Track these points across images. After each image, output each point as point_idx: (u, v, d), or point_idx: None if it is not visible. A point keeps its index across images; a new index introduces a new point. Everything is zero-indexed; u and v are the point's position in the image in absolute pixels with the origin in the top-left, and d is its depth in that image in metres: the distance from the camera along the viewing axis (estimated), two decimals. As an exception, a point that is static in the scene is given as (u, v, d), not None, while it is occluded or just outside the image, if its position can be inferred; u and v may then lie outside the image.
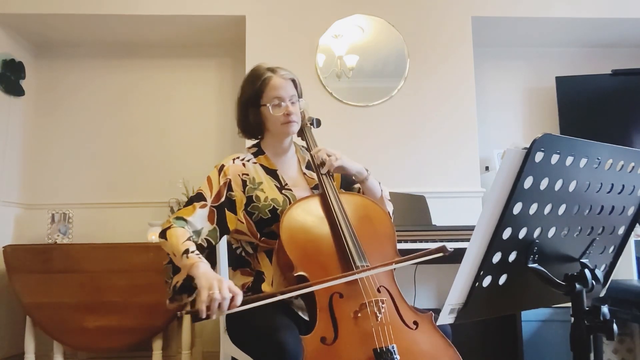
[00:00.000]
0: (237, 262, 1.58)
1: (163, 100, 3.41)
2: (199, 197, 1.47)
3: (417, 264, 1.35)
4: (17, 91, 3.15)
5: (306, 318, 1.38)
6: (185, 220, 1.42)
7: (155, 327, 2.62)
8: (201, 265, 1.28)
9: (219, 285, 1.18)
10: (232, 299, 1.18)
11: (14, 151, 3.16)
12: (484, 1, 3.14)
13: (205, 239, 1.45)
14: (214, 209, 1.46)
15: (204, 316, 1.16)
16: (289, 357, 1.17)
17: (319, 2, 3.09)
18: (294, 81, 1.58)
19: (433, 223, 2.64)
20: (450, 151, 3.01)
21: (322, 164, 1.51)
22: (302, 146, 1.70)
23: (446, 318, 0.85)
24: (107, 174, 3.32)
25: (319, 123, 1.70)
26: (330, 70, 3.06)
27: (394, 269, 1.37)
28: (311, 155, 1.57)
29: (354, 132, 2.99)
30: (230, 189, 1.49)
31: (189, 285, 1.35)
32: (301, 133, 1.64)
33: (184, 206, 1.48)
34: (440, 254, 1.21)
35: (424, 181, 2.97)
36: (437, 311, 1.08)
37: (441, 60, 3.08)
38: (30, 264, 2.62)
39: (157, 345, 2.66)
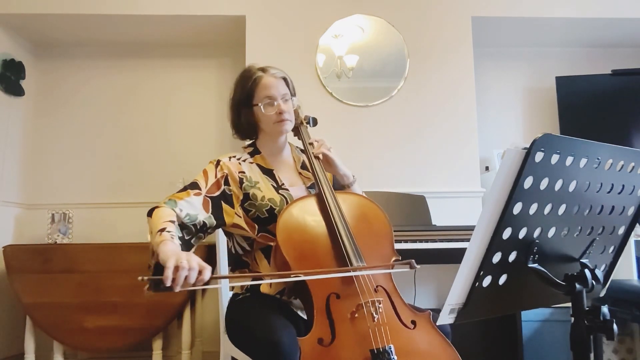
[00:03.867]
0: (236, 264, 1.57)
1: (163, 100, 3.41)
2: (193, 185, 1.46)
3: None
4: (17, 91, 3.15)
5: (305, 317, 1.38)
6: (176, 202, 1.39)
7: (155, 327, 2.62)
8: (170, 244, 1.22)
9: (188, 258, 1.11)
10: (200, 273, 1.11)
11: (14, 151, 3.16)
12: (484, 1, 3.14)
13: (200, 224, 1.41)
14: (209, 199, 1.45)
15: (168, 284, 1.06)
16: (284, 356, 1.17)
17: (319, 2, 3.09)
18: (285, 79, 1.58)
19: (433, 223, 2.64)
20: (450, 151, 3.01)
21: (317, 152, 1.54)
22: (297, 147, 1.70)
23: (446, 318, 0.85)
24: (107, 174, 3.32)
25: (315, 122, 1.69)
26: (330, 70, 3.05)
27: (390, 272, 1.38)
28: (308, 144, 1.57)
29: (354, 132, 2.99)
30: (227, 183, 1.49)
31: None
32: (297, 132, 1.64)
33: (178, 192, 1.45)
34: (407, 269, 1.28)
35: (424, 181, 2.97)
36: (437, 311, 1.07)
37: (441, 60, 3.08)
38: (30, 264, 2.62)
39: (157, 345, 2.66)
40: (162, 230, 1.27)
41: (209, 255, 2.69)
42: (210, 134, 3.39)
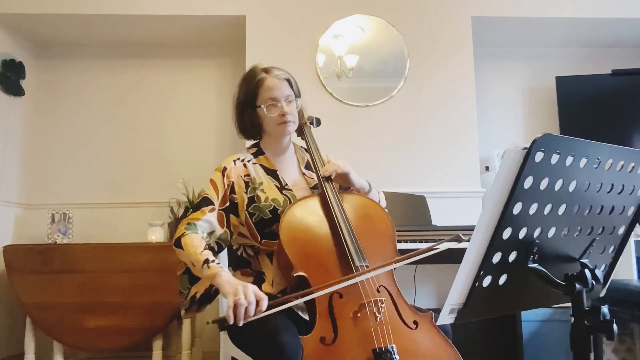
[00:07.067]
0: (238, 263, 1.58)
1: (163, 100, 3.41)
2: (205, 201, 1.47)
3: (415, 262, 1.34)
4: (17, 91, 3.15)
5: (306, 317, 1.38)
6: (195, 224, 1.42)
7: (155, 327, 2.62)
8: (223, 274, 1.29)
9: (244, 291, 1.20)
10: (258, 304, 1.20)
11: (14, 151, 3.16)
12: (484, 1, 3.14)
13: (216, 242, 1.46)
14: (222, 212, 1.47)
15: (231, 322, 1.17)
16: (288, 357, 1.17)
17: (319, 2, 3.09)
18: (288, 81, 1.56)
19: (433, 223, 2.64)
20: (450, 151, 3.01)
21: (328, 177, 1.49)
22: (301, 146, 1.70)
23: (446, 318, 0.85)
24: (107, 174, 3.32)
25: (318, 122, 1.70)
26: (330, 70, 3.05)
27: (394, 268, 1.36)
28: (314, 161, 1.56)
29: (354, 132, 2.99)
30: (233, 191, 1.49)
31: (209, 295, 1.39)
32: (301, 132, 1.64)
33: (192, 211, 1.46)
34: (455, 243, 1.17)
35: (424, 181, 2.97)
36: (437, 311, 1.07)
37: (441, 60, 3.08)
38: (30, 264, 2.63)
39: (157, 345, 2.66)
40: (207, 262, 1.32)
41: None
42: (211, 134, 3.39)
